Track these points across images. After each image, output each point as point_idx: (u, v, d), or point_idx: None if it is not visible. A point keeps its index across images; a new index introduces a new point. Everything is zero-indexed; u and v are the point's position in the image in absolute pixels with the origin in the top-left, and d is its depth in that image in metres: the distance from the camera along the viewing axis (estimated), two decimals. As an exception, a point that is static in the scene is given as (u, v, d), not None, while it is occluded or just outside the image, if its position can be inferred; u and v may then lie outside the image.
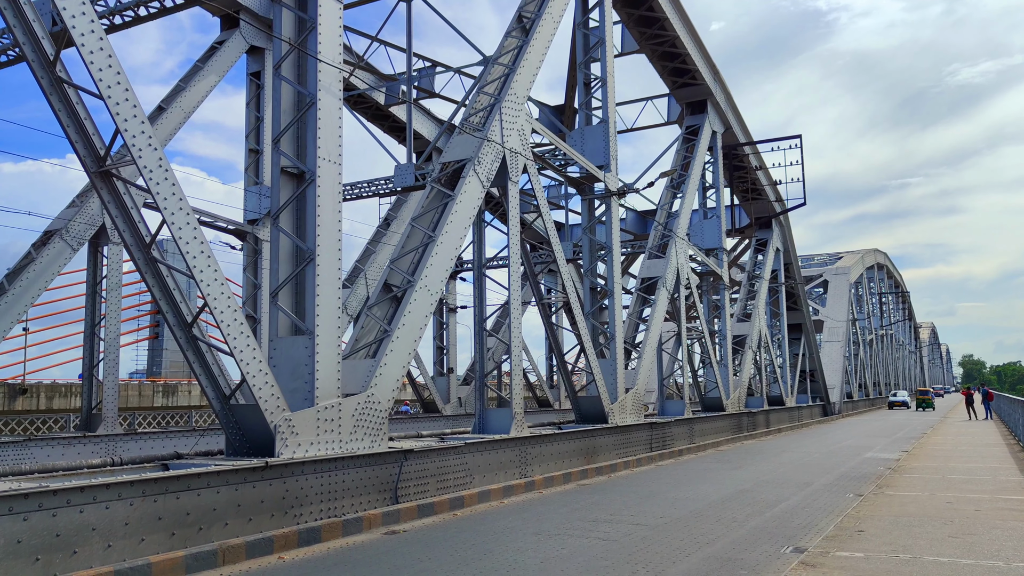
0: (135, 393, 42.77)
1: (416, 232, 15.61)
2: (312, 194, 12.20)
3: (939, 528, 10.56)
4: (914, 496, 13.61)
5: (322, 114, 12.36)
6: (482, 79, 18.38)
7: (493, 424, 17.02)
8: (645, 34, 28.49)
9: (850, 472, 18.30)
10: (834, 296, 62.01)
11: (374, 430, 12.87)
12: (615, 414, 21.07)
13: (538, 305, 21.34)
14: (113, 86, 10.19)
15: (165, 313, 11.25)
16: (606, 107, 22.96)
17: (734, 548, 9.81)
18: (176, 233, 10.59)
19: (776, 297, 44.51)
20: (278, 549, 9.92)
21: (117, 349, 21.56)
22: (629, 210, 38.08)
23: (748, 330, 38.15)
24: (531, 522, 11.95)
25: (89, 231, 20.81)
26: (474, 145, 16.44)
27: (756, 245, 42.67)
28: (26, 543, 7.79)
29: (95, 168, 10.77)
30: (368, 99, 29.61)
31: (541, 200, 19.35)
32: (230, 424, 11.61)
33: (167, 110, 21.22)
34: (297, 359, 11.95)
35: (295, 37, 12.78)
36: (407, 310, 13.97)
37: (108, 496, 8.56)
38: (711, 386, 31.97)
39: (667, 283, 26.63)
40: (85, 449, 18.39)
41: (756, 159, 38.25)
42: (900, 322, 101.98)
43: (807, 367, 50.28)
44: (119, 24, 22.59)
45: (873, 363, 79.11)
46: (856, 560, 8.67)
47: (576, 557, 9.41)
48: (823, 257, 72.85)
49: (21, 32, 10.37)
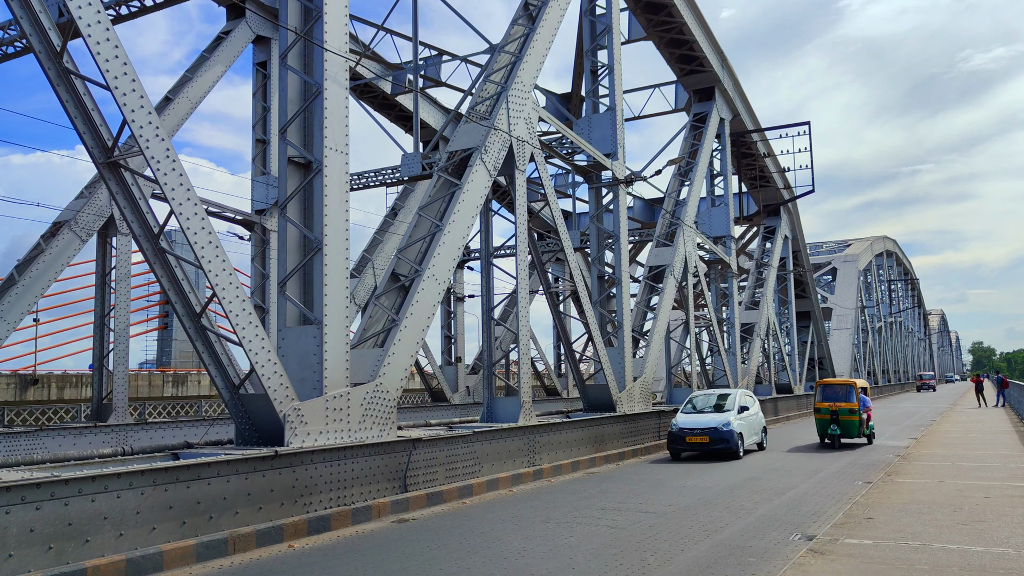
0: (145, 383, 43.01)
1: (423, 221, 15.60)
2: (319, 184, 12.20)
3: (948, 515, 10.54)
4: (923, 483, 13.59)
5: (329, 103, 12.34)
6: (488, 67, 18.30)
7: (501, 413, 17.05)
8: (652, 21, 28.31)
9: (859, 459, 18.27)
10: (843, 284, 61.82)
11: (383, 419, 12.91)
12: (623, 402, 21.08)
13: (546, 294, 21.32)
14: (120, 77, 10.18)
15: (174, 303, 11.29)
16: (613, 95, 22.86)
17: (743, 536, 9.81)
18: (184, 224, 10.60)
19: (784, 285, 44.36)
20: (288, 538, 9.98)
21: (127, 339, 21.67)
22: (636, 198, 37.92)
23: (756, 318, 38.05)
24: (540, 510, 11.98)
25: (98, 222, 20.88)
26: (481, 134, 16.39)
27: (764, 233, 42.50)
28: (39, 532, 7.85)
29: (103, 159, 10.79)
30: (375, 88, 29.54)
31: (548, 189, 19.29)
32: (239, 414, 11.66)
33: (174, 100, 21.23)
34: (306, 349, 11.98)
35: (301, 26, 12.74)
36: (415, 299, 13.98)
37: (119, 485, 8.61)
38: (719, 374, 31.94)
39: (675, 271, 26.57)
40: (96, 439, 18.52)
41: (764, 146, 38.05)
42: (909, 309, 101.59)
43: (815, 355, 50.16)
44: (125, 15, 22.59)
45: (882, 351, 78.87)
46: (865, 547, 8.67)
47: (584, 545, 9.43)
48: (832, 244, 72.63)
49: (28, 23, 10.37)
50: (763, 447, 21.12)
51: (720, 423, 18.83)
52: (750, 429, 20.15)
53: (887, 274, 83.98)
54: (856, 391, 21.21)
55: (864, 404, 21.32)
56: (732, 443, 18.56)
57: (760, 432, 21.09)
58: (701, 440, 18.71)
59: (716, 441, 18.57)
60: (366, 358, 13.34)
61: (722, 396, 20.67)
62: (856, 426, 21.12)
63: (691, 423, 19.26)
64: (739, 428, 19.11)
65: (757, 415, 21.12)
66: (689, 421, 19.41)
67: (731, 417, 19.18)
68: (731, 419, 19.07)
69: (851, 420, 21.20)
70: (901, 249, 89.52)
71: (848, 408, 21.13)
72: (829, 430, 21.37)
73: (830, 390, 21.79)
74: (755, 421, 20.77)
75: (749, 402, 20.88)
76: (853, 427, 21.15)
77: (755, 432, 20.65)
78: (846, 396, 21.37)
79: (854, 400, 21.16)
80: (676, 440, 19.16)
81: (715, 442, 18.58)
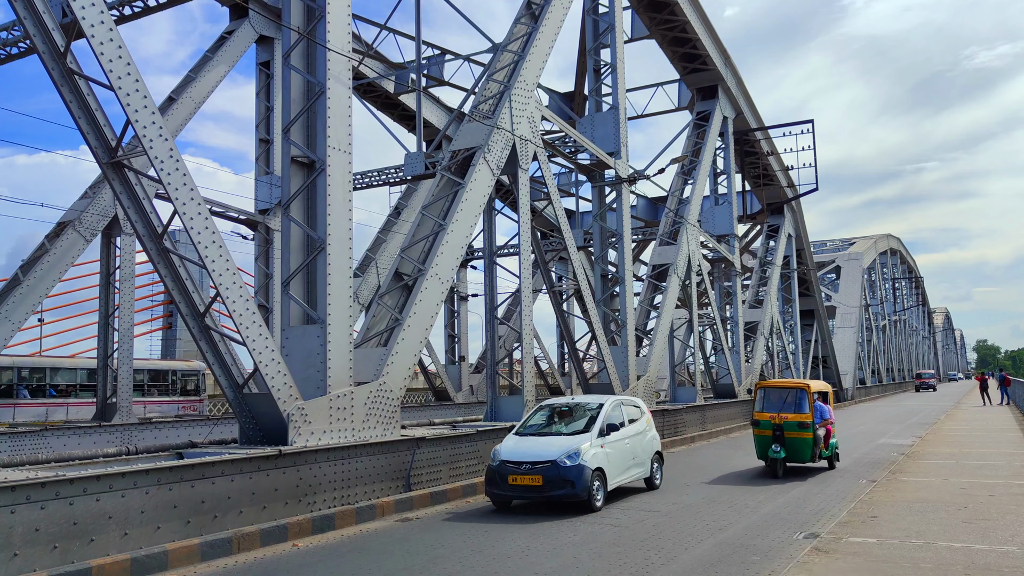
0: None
1: (426, 220, 15.61)
2: (322, 183, 12.21)
3: (953, 514, 10.52)
4: (928, 482, 13.57)
5: (332, 103, 12.35)
6: (491, 66, 18.31)
7: (505, 412, 17.07)
8: (655, 19, 28.29)
9: (863, 458, 18.23)
10: (847, 282, 61.69)
11: (386, 418, 12.92)
12: (627, 401, 21.07)
13: (549, 293, 21.33)
14: (123, 77, 10.21)
15: (178, 303, 11.32)
16: (616, 93, 22.85)
17: (747, 534, 9.81)
18: (188, 223, 10.63)
19: (788, 283, 44.31)
20: (292, 536, 10.00)
21: (131, 339, 21.73)
22: (640, 197, 37.96)
23: (760, 316, 38.03)
24: (544, 509, 11.97)
25: (102, 222, 20.93)
26: (484, 133, 16.40)
27: (768, 231, 42.47)
28: (44, 531, 7.88)
29: (107, 159, 10.81)
30: (377, 88, 29.56)
31: (551, 187, 19.29)
32: (243, 413, 11.69)
33: (177, 100, 21.27)
34: (309, 348, 12.00)
35: (304, 26, 12.76)
36: (418, 299, 13.99)
37: (124, 485, 8.64)
38: (723, 373, 31.93)
39: (678, 270, 26.55)
40: (101, 438, 18.58)
41: (768, 144, 38.01)
42: (914, 307, 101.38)
43: (820, 353, 50.08)
44: (129, 15, 22.63)
45: (886, 349, 78.72)
46: (869, 546, 8.66)
47: (589, 544, 9.44)
48: (835, 243, 72.49)
49: (32, 24, 10.40)
50: (654, 485, 13.81)
51: (562, 453, 11.60)
52: (622, 460, 12.70)
53: (891, 272, 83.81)
54: (810, 397, 15.28)
55: (821, 415, 15.43)
56: (579, 487, 11.38)
57: (649, 462, 13.70)
58: (530, 482, 11.56)
59: (553, 484, 11.45)
60: (370, 357, 13.35)
61: (581, 407, 13.38)
62: (808, 447, 15.07)
63: (519, 453, 11.97)
64: (596, 461, 11.79)
65: (642, 435, 13.67)
66: (517, 450, 12.09)
67: (583, 444, 11.85)
68: (582, 447, 11.75)
69: (801, 438, 15.08)
70: (905, 247, 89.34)
71: (797, 422, 15.07)
72: (770, 451, 15.21)
73: (774, 396, 15.84)
74: (635, 446, 13.29)
75: (631, 415, 13.68)
76: (804, 448, 15.10)
77: (637, 463, 13.28)
78: (796, 405, 15.31)
79: (806, 410, 15.12)
80: (496, 481, 11.89)
81: (551, 485, 11.45)
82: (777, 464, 15.22)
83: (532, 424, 13.24)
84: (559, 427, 12.97)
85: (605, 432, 12.38)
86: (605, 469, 11.99)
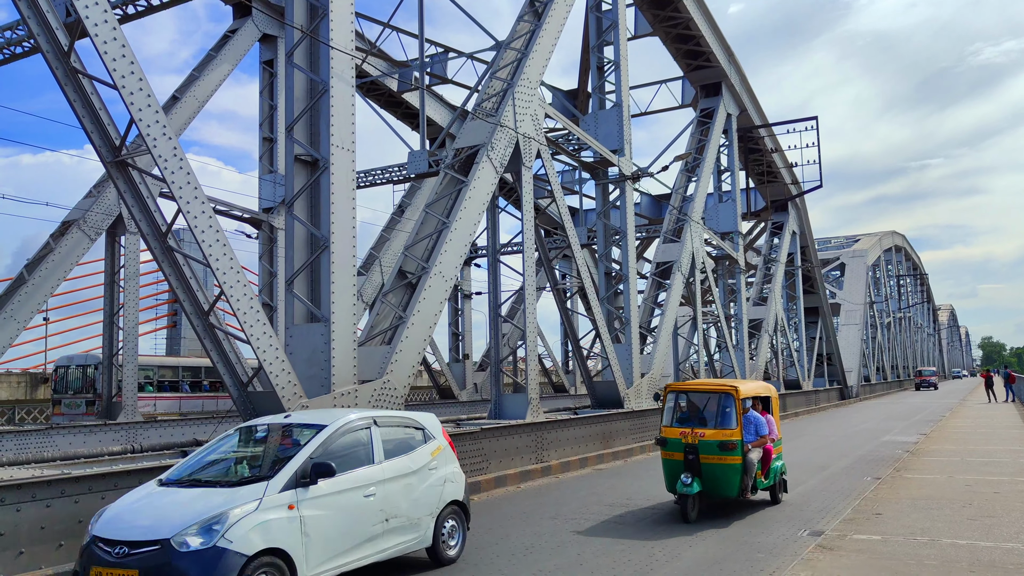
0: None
1: (430, 219, 15.62)
2: (326, 182, 12.22)
3: (957, 511, 10.51)
4: (932, 479, 13.55)
5: (335, 101, 12.36)
6: (495, 64, 18.30)
7: (509, 410, 17.08)
8: (658, 16, 28.25)
9: (868, 455, 18.21)
10: (851, 279, 61.60)
11: (390, 416, 12.92)
12: (631, 399, 21.07)
13: (553, 290, 21.33)
14: (127, 76, 10.23)
15: (182, 302, 11.35)
16: (619, 91, 22.82)
17: (750, 531, 9.80)
18: (192, 222, 10.65)
19: (792, 280, 44.24)
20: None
21: (136, 337, 21.80)
22: (643, 194, 37.90)
23: (764, 314, 37.98)
24: (548, 506, 11.99)
25: (106, 221, 21.00)
26: (487, 131, 16.39)
27: (772, 228, 42.39)
28: (49, 529, 7.91)
29: (111, 158, 10.84)
30: (381, 86, 29.59)
31: (555, 185, 19.29)
32: (248, 411, 11.71)
33: (181, 99, 21.32)
34: (313, 346, 12.02)
35: (307, 24, 12.77)
36: (422, 297, 14.00)
37: (129, 483, 8.65)
38: (727, 370, 31.89)
39: (682, 267, 26.53)
40: (106, 437, 18.64)
41: (772, 141, 37.95)
42: (918, 304, 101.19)
43: (824, 350, 50.01)
44: (132, 14, 22.67)
45: (891, 346, 78.60)
46: (874, 543, 8.65)
47: (593, 542, 9.44)
48: (840, 240, 72.35)
49: (35, 23, 10.43)
50: (442, 558, 8.30)
51: (184, 526, 6.21)
52: (355, 525, 7.25)
53: (896, 269, 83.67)
54: (738, 405, 10.67)
55: (756, 431, 10.94)
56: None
57: (432, 521, 8.18)
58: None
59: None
60: (374, 355, 13.37)
61: (291, 430, 7.84)
62: (735, 475, 10.48)
63: (125, 522, 6.49)
64: (268, 538, 6.39)
65: (418, 477, 8.11)
66: (130, 514, 6.61)
67: (240, 505, 6.41)
68: (234, 510, 6.34)
69: (724, 464, 10.45)
70: (910, 244, 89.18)
71: (718, 441, 10.48)
72: (679, 483, 10.48)
73: (689, 404, 11.26)
74: (396, 497, 7.75)
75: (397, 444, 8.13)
76: (729, 478, 10.48)
77: (400, 525, 7.75)
78: (719, 417, 10.74)
79: (733, 424, 10.61)
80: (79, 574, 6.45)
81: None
82: (687, 501, 10.46)
83: (203, 459, 7.65)
84: (241, 468, 7.60)
85: (308, 478, 6.93)
86: (295, 551, 6.59)
